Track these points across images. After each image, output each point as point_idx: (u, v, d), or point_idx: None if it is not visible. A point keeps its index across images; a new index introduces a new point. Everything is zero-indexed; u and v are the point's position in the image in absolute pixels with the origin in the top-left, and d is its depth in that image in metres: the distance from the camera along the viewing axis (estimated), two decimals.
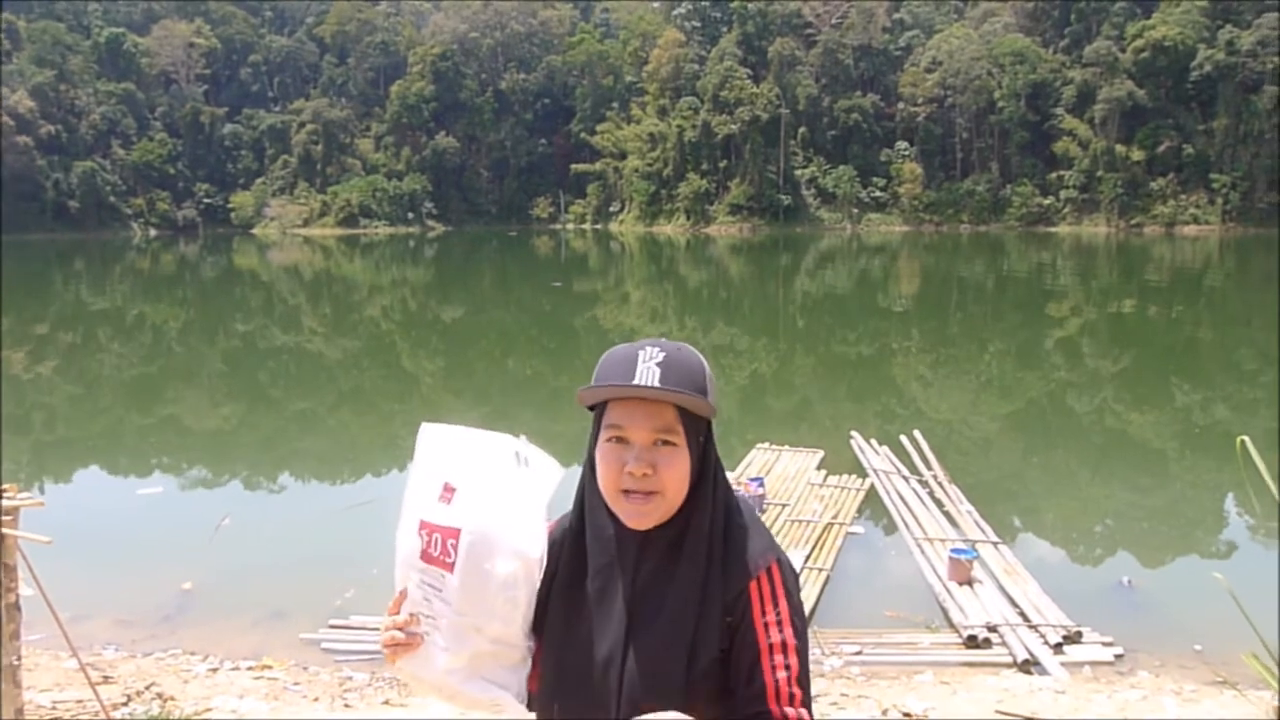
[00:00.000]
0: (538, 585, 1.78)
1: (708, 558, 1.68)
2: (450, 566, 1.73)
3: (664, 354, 1.69)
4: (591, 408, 1.76)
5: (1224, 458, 13.30)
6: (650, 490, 1.67)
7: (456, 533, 1.73)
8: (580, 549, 1.77)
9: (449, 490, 1.77)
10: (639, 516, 1.69)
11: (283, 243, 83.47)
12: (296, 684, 7.01)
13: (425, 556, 1.75)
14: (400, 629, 1.77)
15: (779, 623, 1.65)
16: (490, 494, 1.76)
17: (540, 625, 1.78)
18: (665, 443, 1.67)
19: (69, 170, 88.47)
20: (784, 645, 1.64)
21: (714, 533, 1.70)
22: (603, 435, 1.71)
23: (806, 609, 8.09)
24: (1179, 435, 16.20)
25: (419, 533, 1.77)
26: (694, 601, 1.66)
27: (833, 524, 10.19)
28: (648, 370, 1.67)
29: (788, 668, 1.63)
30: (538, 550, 1.77)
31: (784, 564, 1.71)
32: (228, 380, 23.15)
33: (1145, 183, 76.96)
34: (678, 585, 1.68)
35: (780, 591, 1.67)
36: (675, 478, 1.68)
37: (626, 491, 1.68)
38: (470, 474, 1.78)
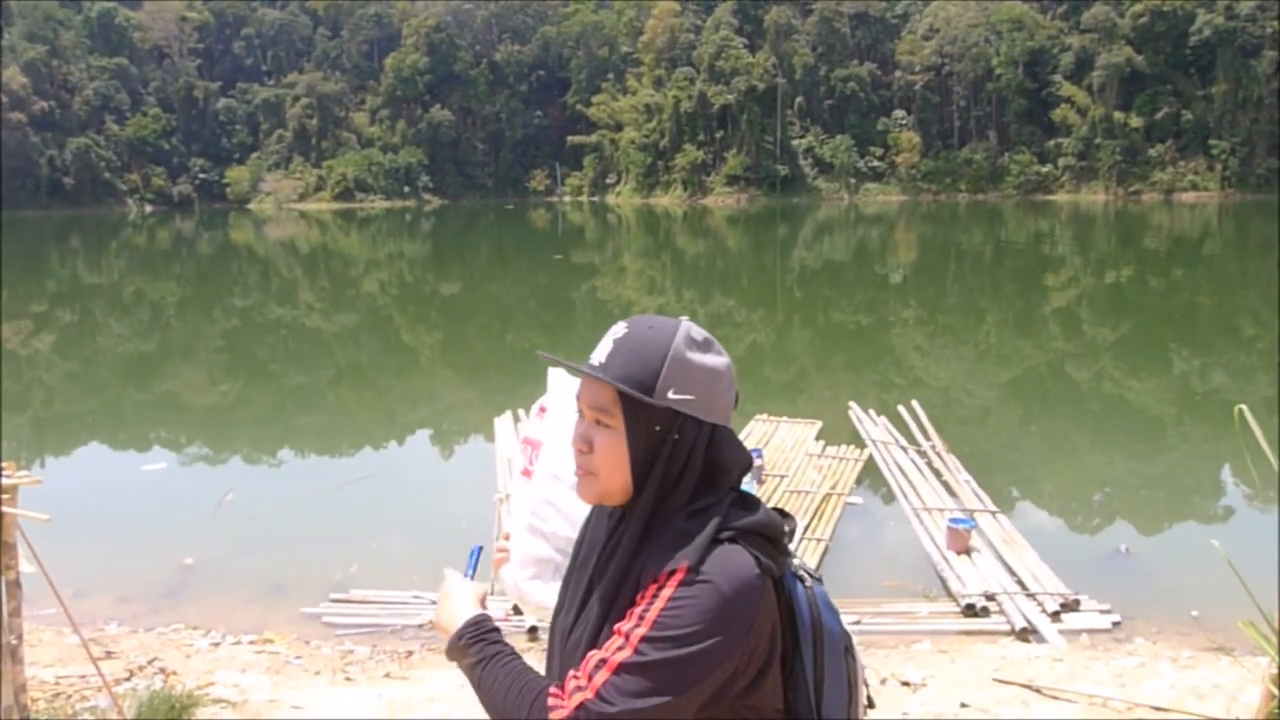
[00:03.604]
0: None
1: (635, 550, 1.60)
2: (530, 474, 1.93)
3: (626, 332, 1.62)
4: None
5: (1222, 425, 13.31)
6: (585, 468, 1.64)
7: (540, 444, 1.94)
8: (591, 522, 1.79)
9: (542, 410, 1.99)
10: (579, 489, 1.67)
11: (279, 217, 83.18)
12: (298, 658, 7.04)
13: (524, 470, 1.97)
14: (505, 539, 1.94)
15: (640, 617, 1.51)
16: (573, 414, 1.83)
17: None
18: (602, 423, 1.61)
19: (63, 146, 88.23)
20: (626, 635, 1.50)
21: (651, 527, 1.60)
22: None
23: None
24: (1177, 403, 16.22)
25: (521, 448, 2.00)
26: (612, 590, 1.61)
27: (831, 494, 10.21)
28: (603, 347, 1.62)
29: (612, 652, 1.50)
30: None
31: (696, 573, 1.51)
32: (226, 356, 23.14)
33: (1144, 149, 76.83)
34: (610, 572, 1.63)
35: (664, 595, 1.51)
36: (607, 460, 1.60)
37: (578, 465, 1.67)
38: (561, 397, 1.96)
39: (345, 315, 29.41)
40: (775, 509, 1.68)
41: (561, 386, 1.97)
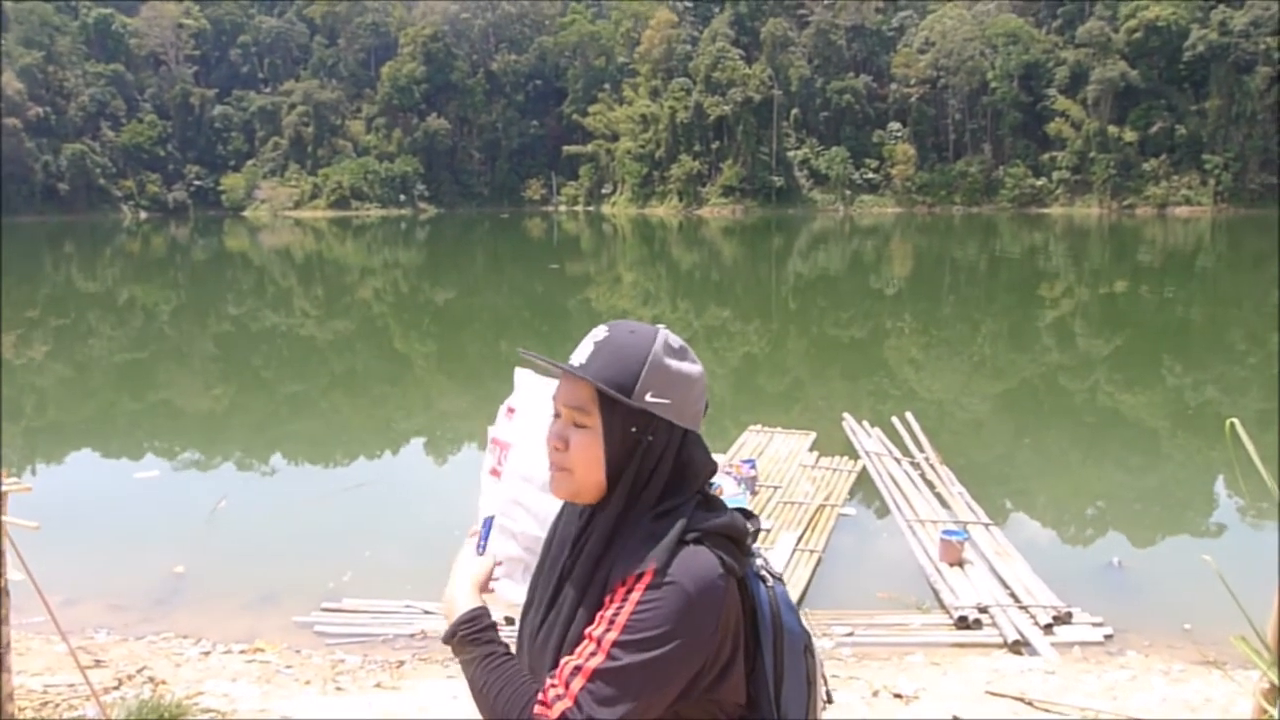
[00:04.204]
0: None
1: (604, 550, 1.64)
2: (499, 474, 1.94)
3: (608, 334, 1.67)
4: None
5: (1214, 439, 13.33)
6: (561, 466, 1.68)
7: (509, 445, 1.95)
8: (561, 520, 1.81)
9: (511, 411, 1.99)
10: (553, 485, 1.71)
11: (274, 225, 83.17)
12: (289, 667, 7.02)
13: (492, 470, 1.97)
14: (470, 536, 1.94)
15: (610, 622, 1.55)
16: (542, 416, 1.88)
17: None
18: (578, 423, 1.66)
19: (58, 152, 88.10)
20: (598, 641, 1.54)
21: (620, 526, 1.65)
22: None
23: (797, 591, 8.11)
24: (1170, 416, 16.25)
25: (490, 448, 1.99)
26: (581, 588, 1.65)
27: (825, 505, 10.21)
28: (584, 348, 1.66)
29: (585, 659, 1.54)
30: None
31: (663, 575, 1.55)
32: (219, 363, 23.10)
33: (1138, 164, 77.02)
34: (579, 570, 1.67)
35: (633, 598, 1.55)
36: (583, 459, 1.65)
37: (552, 462, 1.71)
38: (530, 399, 1.97)
39: (339, 323, 29.39)
40: (739, 509, 1.74)
41: (529, 387, 2.00)
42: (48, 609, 4.72)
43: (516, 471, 1.92)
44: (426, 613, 7.90)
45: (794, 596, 8.04)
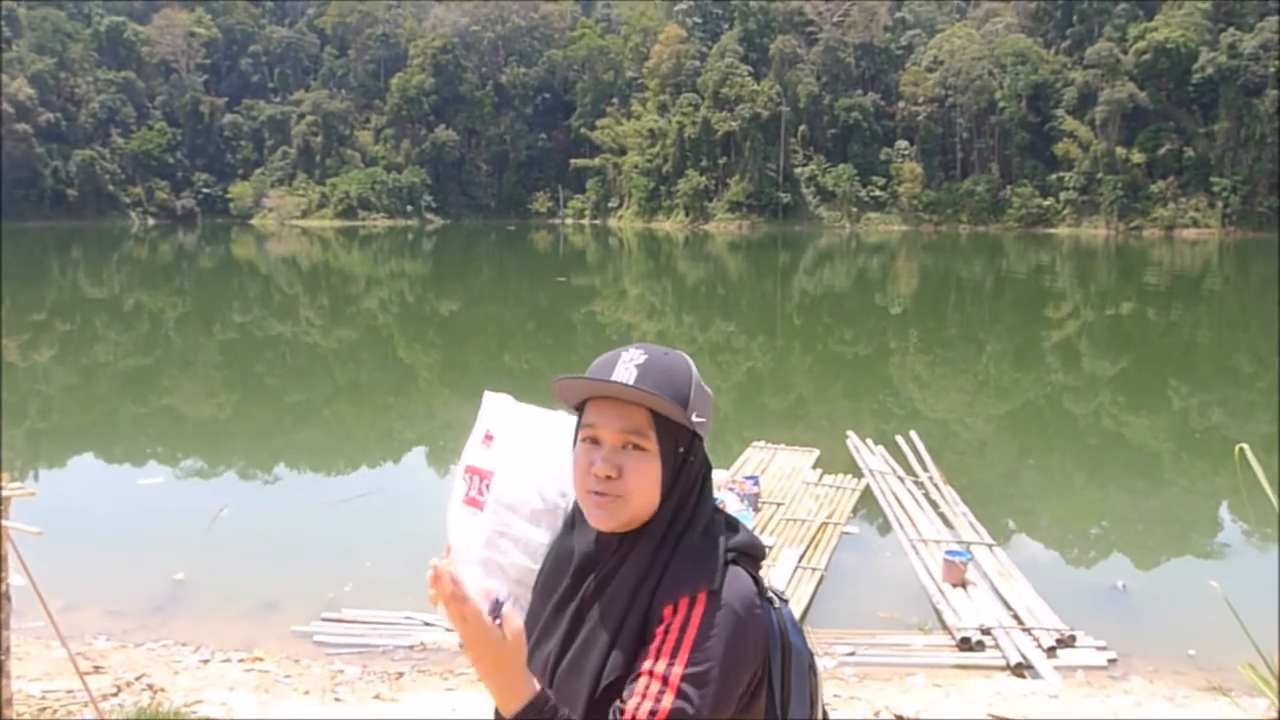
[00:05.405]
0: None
1: (646, 572, 1.61)
2: (482, 506, 1.84)
3: (646, 356, 1.65)
4: (578, 409, 1.72)
5: (1220, 462, 13.30)
6: (613, 494, 1.62)
7: (490, 474, 1.85)
8: (568, 546, 1.75)
9: (489, 437, 1.90)
10: (601, 516, 1.64)
11: (281, 234, 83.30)
12: (287, 676, 6.99)
13: (467, 499, 1.88)
14: (438, 574, 1.83)
15: (672, 653, 1.52)
16: (525, 442, 1.86)
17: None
18: (635, 446, 1.62)
19: (68, 158, 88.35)
20: (664, 677, 1.50)
21: (664, 548, 1.62)
22: (579, 434, 1.68)
23: (799, 610, 8.07)
24: (1175, 439, 16.19)
25: (464, 476, 1.90)
26: (619, 613, 1.60)
27: (827, 523, 10.18)
28: (625, 370, 1.62)
29: (656, 699, 1.49)
30: (565, 498, 1.83)
31: (718, 598, 1.56)
32: (224, 371, 23.12)
33: (1145, 185, 77.00)
34: (612, 595, 1.62)
35: (692, 624, 1.54)
36: (641, 483, 1.61)
37: (595, 492, 1.64)
38: (510, 425, 1.90)
39: (344, 332, 29.41)
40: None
41: (505, 412, 1.93)
42: (48, 614, 4.70)
43: (501, 501, 1.83)
44: (426, 624, 7.88)
45: (796, 614, 8.02)
